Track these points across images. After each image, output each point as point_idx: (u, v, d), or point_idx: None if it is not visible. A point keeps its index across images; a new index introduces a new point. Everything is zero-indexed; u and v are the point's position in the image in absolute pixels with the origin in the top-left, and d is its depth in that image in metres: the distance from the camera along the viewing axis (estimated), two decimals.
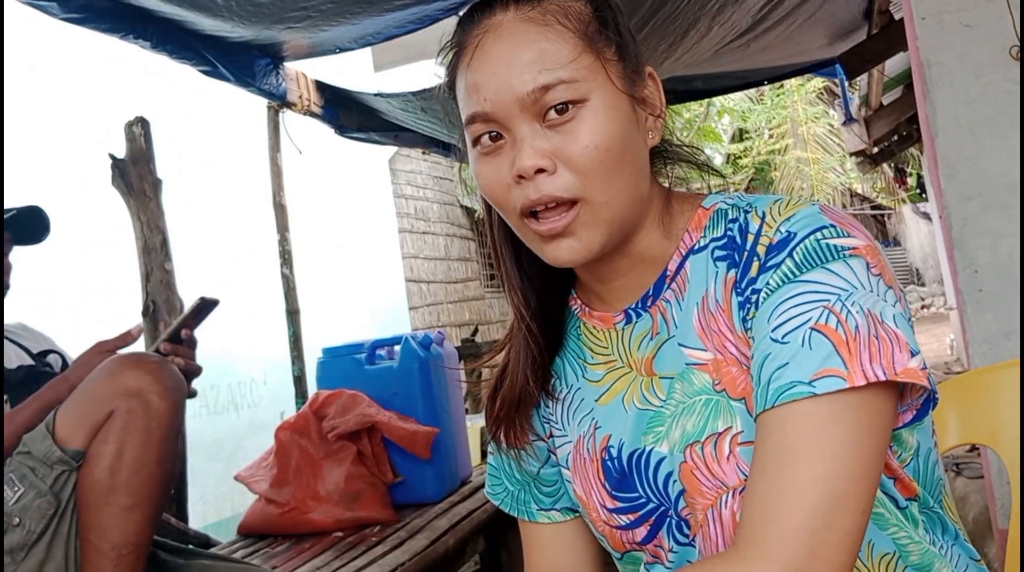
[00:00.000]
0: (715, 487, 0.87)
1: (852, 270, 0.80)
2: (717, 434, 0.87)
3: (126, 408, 1.87)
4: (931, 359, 8.93)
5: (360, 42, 3.59)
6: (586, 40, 0.87)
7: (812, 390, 0.75)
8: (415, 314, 8.85)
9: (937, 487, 0.94)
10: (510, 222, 0.91)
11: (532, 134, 0.85)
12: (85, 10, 2.74)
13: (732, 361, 0.87)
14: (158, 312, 3.00)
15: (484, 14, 0.89)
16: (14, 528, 1.83)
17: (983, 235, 2.45)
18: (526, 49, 0.85)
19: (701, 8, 3.64)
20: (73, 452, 1.87)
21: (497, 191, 0.88)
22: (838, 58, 5.19)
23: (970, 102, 2.48)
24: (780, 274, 0.82)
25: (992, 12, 2.43)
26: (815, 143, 15.04)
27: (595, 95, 0.85)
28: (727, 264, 0.89)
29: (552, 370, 1.04)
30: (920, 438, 0.91)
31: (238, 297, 5.68)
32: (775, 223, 0.85)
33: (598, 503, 0.98)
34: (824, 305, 0.78)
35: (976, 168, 2.47)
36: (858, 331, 0.77)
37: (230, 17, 3.01)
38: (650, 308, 0.95)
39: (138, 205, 3.04)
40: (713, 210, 0.93)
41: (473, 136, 0.89)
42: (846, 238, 0.82)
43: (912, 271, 19.34)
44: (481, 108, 0.86)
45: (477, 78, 0.87)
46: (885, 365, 0.76)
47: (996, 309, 2.42)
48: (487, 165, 0.89)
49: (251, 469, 2.85)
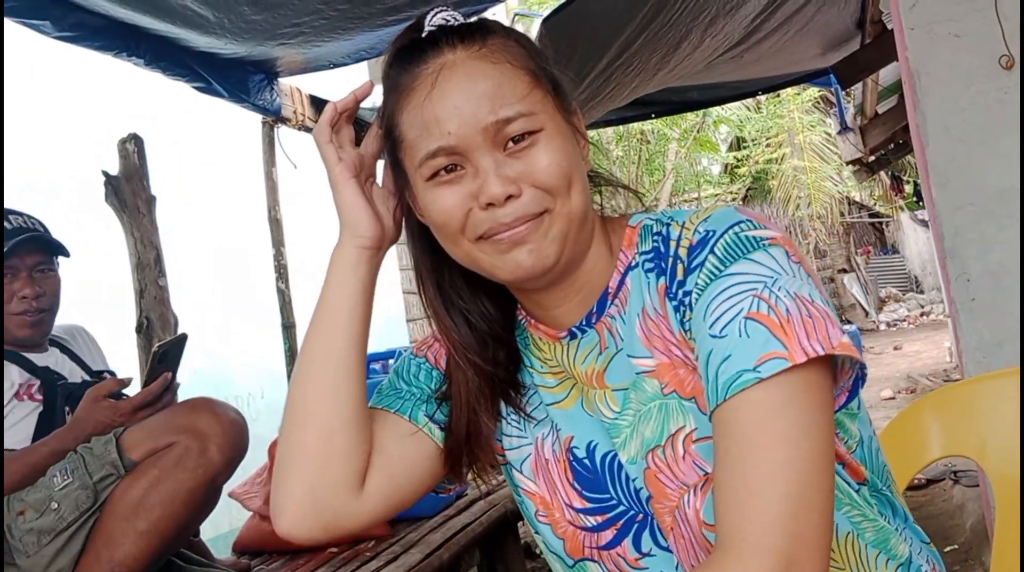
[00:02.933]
0: (677, 487, 0.90)
1: (773, 258, 0.85)
2: (671, 435, 0.90)
3: (184, 445, 2.00)
4: (930, 366, 8.91)
5: (354, 57, 3.60)
6: (533, 77, 0.93)
7: (758, 375, 0.79)
8: (413, 326, 8.83)
9: (884, 472, 0.98)
10: (457, 246, 0.94)
11: (495, 164, 0.89)
12: (78, 28, 2.75)
13: (679, 363, 0.91)
14: (152, 329, 3.00)
15: (429, 53, 0.92)
16: (51, 511, 1.96)
17: (975, 244, 2.45)
18: (482, 85, 0.90)
19: (693, 20, 3.65)
20: (127, 460, 1.99)
21: (455, 217, 0.91)
22: (832, 68, 5.22)
23: (960, 111, 2.49)
24: (707, 272, 0.86)
25: (981, 22, 2.44)
26: (812, 152, 15.05)
27: (548, 125, 0.91)
28: (656, 273, 0.93)
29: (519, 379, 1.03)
30: (860, 428, 0.96)
31: (235, 312, 5.68)
32: (692, 226, 0.90)
33: (563, 502, 0.99)
34: (753, 293, 0.83)
35: (967, 177, 2.47)
36: (789, 313, 0.81)
37: (223, 34, 3.02)
38: (595, 324, 0.98)
39: (132, 222, 3.05)
40: (640, 227, 0.98)
41: (431, 171, 0.91)
42: (762, 230, 0.87)
43: (911, 278, 19.32)
44: (446, 142, 0.90)
45: (438, 113, 0.90)
46: (822, 340, 0.80)
47: (989, 317, 2.43)
48: (445, 192, 0.91)
49: (245, 486, 2.84)
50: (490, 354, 1.01)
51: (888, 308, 17.11)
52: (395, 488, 1.01)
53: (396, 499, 1.01)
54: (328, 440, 0.97)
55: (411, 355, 1.09)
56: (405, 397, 1.04)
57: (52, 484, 1.98)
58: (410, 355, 1.09)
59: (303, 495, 0.97)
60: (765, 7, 3.85)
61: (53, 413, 2.16)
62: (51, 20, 2.65)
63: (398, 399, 1.04)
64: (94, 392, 2.11)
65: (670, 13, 3.47)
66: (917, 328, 14.67)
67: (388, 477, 1.00)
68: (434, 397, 1.04)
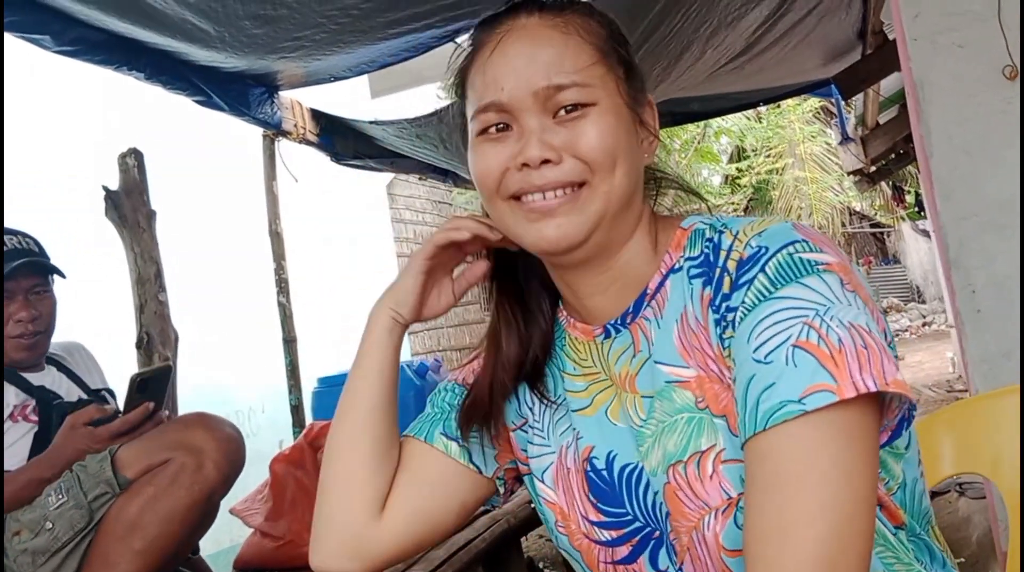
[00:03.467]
0: (698, 508, 0.85)
1: (827, 284, 0.81)
2: (700, 452, 0.86)
3: (180, 462, 1.98)
4: (933, 376, 8.89)
5: (355, 70, 3.60)
6: (601, 53, 0.92)
7: (803, 408, 0.75)
8: (415, 339, 8.82)
9: (925, 517, 0.93)
10: (492, 206, 0.94)
11: (541, 128, 0.89)
12: (78, 43, 2.75)
13: (714, 378, 0.87)
14: (152, 344, 2.99)
15: (509, 15, 0.95)
16: (45, 531, 1.94)
17: (979, 255, 2.44)
18: (546, 50, 0.90)
19: (695, 32, 3.64)
20: (122, 479, 1.96)
21: (493, 173, 0.92)
22: (833, 78, 5.21)
23: (963, 122, 2.47)
24: (755, 291, 0.82)
25: (984, 33, 2.43)
26: (813, 162, 15.06)
27: (603, 102, 0.90)
28: (702, 281, 0.90)
29: (547, 369, 1.04)
30: (905, 469, 0.91)
31: (236, 326, 5.66)
32: (745, 238, 0.86)
33: (580, 515, 0.97)
34: (803, 321, 0.78)
35: (971, 188, 2.46)
36: (842, 344, 0.77)
37: (224, 48, 3.02)
38: (630, 325, 0.96)
39: (132, 236, 3.03)
40: (691, 230, 0.95)
41: (481, 126, 0.93)
42: (818, 253, 0.83)
43: (913, 288, 19.31)
44: (497, 98, 0.90)
45: (497, 71, 0.91)
46: (876, 374, 0.76)
47: (994, 329, 2.41)
48: (490, 149, 0.92)
49: (246, 502, 2.82)
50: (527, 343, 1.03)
51: (890, 318, 17.09)
52: (417, 509, 1.03)
53: (420, 520, 1.04)
54: (351, 473, 1.02)
55: (445, 383, 1.12)
56: (426, 420, 1.08)
57: (47, 503, 1.95)
58: (444, 384, 1.12)
59: (325, 525, 1.03)
60: (767, 18, 3.85)
61: (48, 433, 2.13)
62: (51, 35, 2.64)
63: (421, 423, 1.08)
64: (72, 419, 2.08)
65: (672, 25, 3.47)
66: (919, 338, 14.64)
67: (408, 498, 1.03)
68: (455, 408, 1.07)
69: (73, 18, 2.69)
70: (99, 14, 2.66)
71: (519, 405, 1.07)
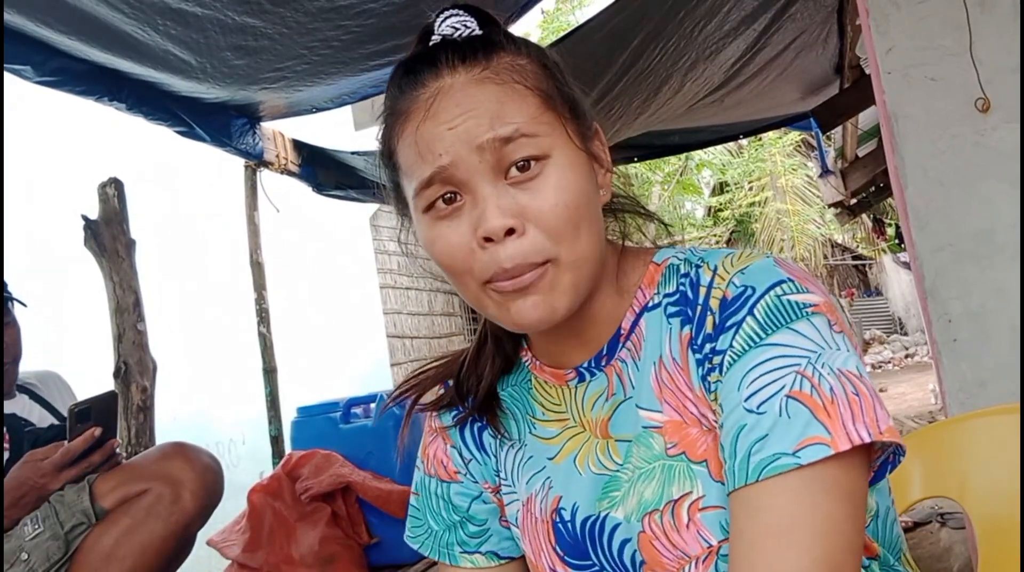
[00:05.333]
0: (676, 558, 0.82)
1: (816, 329, 0.78)
2: (673, 501, 0.83)
3: (157, 492, 1.99)
4: (915, 408, 8.90)
5: (336, 102, 3.62)
6: (544, 97, 0.84)
7: (797, 461, 0.73)
8: (398, 370, 8.78)
9: (896, 545, 0.92)
10: (466, 291, 0.86)
11: (495, 193, 0.81)
12: (59, 73, 2.76)
13: (692, 421, 0.84)
14: (130, 373, 2.97)
15: (428, 75, 0.84)
16: (20, 562, 1.91)
17: (955, 285, 2.46)
18: (484, 105, 0.81)
19: (673, 65, 3.69)
20: (99, 509, 1.96)
21: (457, 257, 0.83)
22: (811, 112, 5.28)
23: (938, 154, 2.51)
24: (744, 336, 0.79)
25: (956, 66, 2.47)
26: (794, 195, 15.21)
27: (556, 152, 0.82)
28: (681, 320, 0.86)
29: (506, 409, 1.01)
30: (878, 500, 0.90)
31: (215, 356, 5.63)
32: (727, 275, 0.82)
33: (547, 566, 0.94)
34: (796, 370, 0.76)
35: (946, 219, 2.48)
36: (834, 394, 0.75)
37: (205, 79, 3.03)
38: (604, 368, 0.91)
39: (111, 265, 3.03)
40: (665, 265, 0.90)
41: (426, 202, 0.84)
42: (805, 294, 0.80)
43: (895, 320, 19.40)
44: (438, 165, 0.81)
45: (430, 137, 0.82)
46: (869, 424, 0.74)
47: (971, 358, 2.42)
48: (444, 229, 0.83)
49: (224, 533, 2.79)
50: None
51: (873, 350, 17.14)
52: None
53: None
54: None
55: (423, 478, 1.06)
56: (436, 538, 1.05)
57: (23, 533, 1.93)
58: (422, 479, 1.07)
59: None
60: (744, 52, 3.90)
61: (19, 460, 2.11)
62: (32, 65, 2.65)
63: (435, 542, 1.05)
64: (30, 454, 2.06)
65: (650, 58, 3.51)
66: (902, 370, 14.67)
67: None
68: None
69: (55, 48, 2.70)
70: (81, 45, 2.68)
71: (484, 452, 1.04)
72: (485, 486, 1.03)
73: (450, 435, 1.04)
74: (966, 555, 3.19)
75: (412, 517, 1.07)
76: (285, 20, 2.67)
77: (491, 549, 1.03)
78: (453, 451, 1.04)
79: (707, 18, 3.41)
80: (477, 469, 1.03)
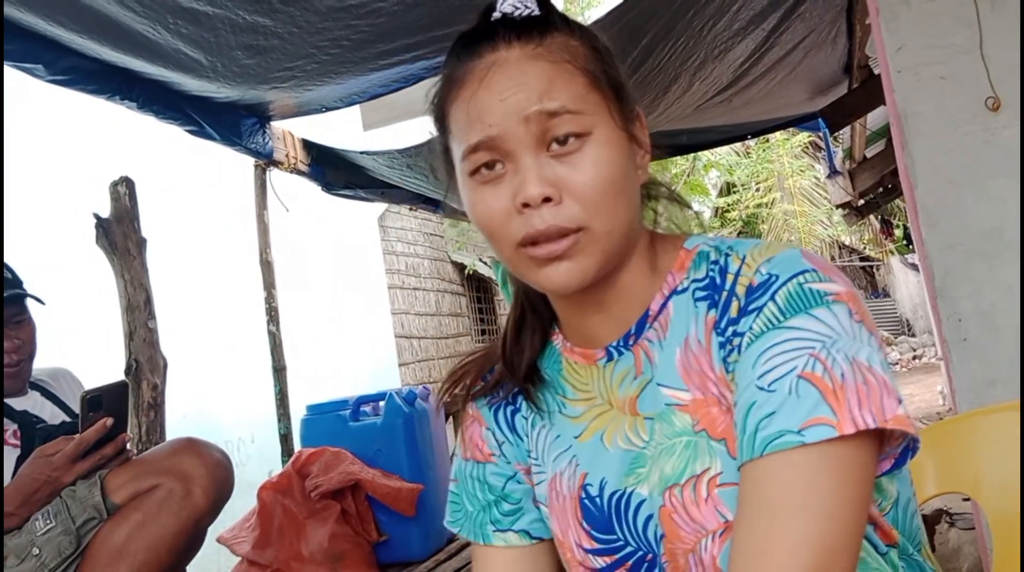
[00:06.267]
0: (694, 531, 0.85)
1: (835, 316, 0.80)
2: (695, 476, 0.85)
3: (168, 487, 1.98)
4: (923, 409, 8.89)
5: (346, 101, 3.63)
6: (591, 78, 0.89)
7: (801, 439, 0.74)
8: (405, 370, 8.80)
9: (916, 536, 0.93)
10: (502, 253, 0.91)
11: (536, 163, 0.85)
12: (71, 72, 2.77)
13: (713, 401, 0.87)
14: (141, 370, 2.98)
15: (485, 48, 0.89)
16: (32, 557, 1.92)
17: (965, 284, 2.45)
18: (534, 80, 0.86)
19: (682, 64, 3.69)
20: (111, 504, 1.96)
21: (495, 220, 0.88)
22: (820, 112, 5.27)
23: (948, 152, 2.50)
24: (764, 319, 0.82)
25: (967, 65, 2.47)
26: (801, 196, 15.18)
27: (598, 130, 0.87)
28: (707, 304, 0.89)
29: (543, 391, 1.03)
30: (899, 488, 0.91)
31: (225, 354, 5.65)
32: (755, 264, 0.85)
33: (574, 542, 0.96)
34: (810, 352, 0.78)
35: (956, 218, 2.48)
36: (844, 379, 0.76)
37: (216, 78, 3.05)
38: (632, 347, 0.94)
39: (122, 264, 3.04)
40: (695, 252, 0.93)
41: (472, 166, 0.89)
42: (828, 283, 0.82)
43: (902, 322, 19.35)
44: (486, 134, 0.86)
45: (482, 106, 0.87)
46: (875, 412, 0.75)
47: (981, 357, 2.42)
48: (486, 193, 0.88)
49: (233, 531, 2.80)
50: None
51: None
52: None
53: None
54: None
55: (463, 461, 1.10)
56: (471, 518, 1.08)
57: (34, 528, 1.94)
58: (462, 462, 1.10)
59: None
60: (753, 52, 3.90)
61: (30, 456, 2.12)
62: (44, 64, 2.66)
63: (471, 523, 1.08)
64: (40, 450, 2.06)
65: (659, 57, 3.51)
66: (910, 371, 14.65)
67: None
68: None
69: (66, 47, 2.72)
70: (92, 43, 2.69)
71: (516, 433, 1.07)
72: (518, 467, 1.06)
73: (485, 418, 1.08)
74: (975, 555, 3.19)
75: (451, 503, 1.11)
76: (295, 19, 2.68)
77: (523, 528, 1.05)
78: (488, 433, 1.07)
79: (716, 17, 3.41)
80: (510, 450, 1.06)
